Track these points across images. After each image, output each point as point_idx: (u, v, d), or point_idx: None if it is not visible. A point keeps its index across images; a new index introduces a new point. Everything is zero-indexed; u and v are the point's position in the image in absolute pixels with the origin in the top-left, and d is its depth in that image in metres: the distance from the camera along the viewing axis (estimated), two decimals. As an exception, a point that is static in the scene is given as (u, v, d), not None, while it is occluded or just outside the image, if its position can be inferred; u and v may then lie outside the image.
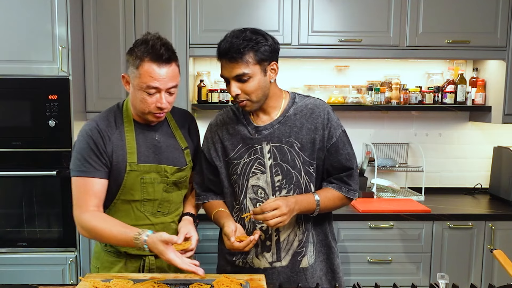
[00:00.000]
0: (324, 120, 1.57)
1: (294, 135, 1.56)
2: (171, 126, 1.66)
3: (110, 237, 1.47)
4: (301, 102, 1.61)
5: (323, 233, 1.67)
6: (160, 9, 2.65)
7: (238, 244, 1.46)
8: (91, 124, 1.56)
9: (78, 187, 1.52)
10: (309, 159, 1.57)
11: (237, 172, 1.60)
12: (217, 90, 2.88)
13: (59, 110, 2.46)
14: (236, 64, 1.46)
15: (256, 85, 1.49)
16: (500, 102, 2.79)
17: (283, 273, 1.61)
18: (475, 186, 3.16)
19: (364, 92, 2.99)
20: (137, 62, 1.45)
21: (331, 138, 1.57)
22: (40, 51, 2.44)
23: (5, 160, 2.47)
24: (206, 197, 1.72)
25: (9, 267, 2.51)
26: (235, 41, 1.45)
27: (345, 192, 1.61)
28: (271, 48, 1.50)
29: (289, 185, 1.57)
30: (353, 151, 1.63)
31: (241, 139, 1.60)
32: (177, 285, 1.39)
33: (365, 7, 2.69)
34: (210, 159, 1.66)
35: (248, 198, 1.60)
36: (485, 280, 2.59)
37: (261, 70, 1.49)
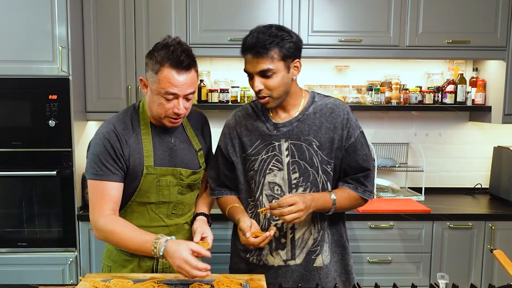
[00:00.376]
0: (343, 120, 1.58)
1: (313, 133, 1.57)
2: (186, 128, 1.67)
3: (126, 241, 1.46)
4: (320, 101, 1.62)
5: (338, 234, 1.68)
6: (160, 9, 2.66)
7: (254, 239, 1.46)
8: (108, 126, 1.54)
9: (95, 191, 1.52)
10: (327, 158, 1.57)
11: (254, 168, 1.61)
12: (217, 90, 2.88)
13: (59, 110, 2.46)
14: (261, 59, 1.47)
15: (279, 81, 1.50)
16: (500, 102, 2.79)
17: (296, 271, 1.61)
18: (475, 186, 3.16)
19: (364, 92, 2.99)
20: (156, 67, 1.44)
21: (350, 138, 1.58)
22: (40, 51, 2.44)
23: (5, 160, 2.47)
24: (220, 192, 1.73)
25: (9, 267, 2.51)
26: (261, 36, 1.46)
27: (361, 192, 1.61)
28: (296, 45, 1.51)
29: (306, 183, 1.58)
30: (370, 153, 1.64)
31: (259, 136, 1.61)
32: (177, 285, 1.39)
33: (365, 7, 2.69)
34: (226, 155, 1.67)
35: (264, 194, 1.61)
36: (485, 280, 2.59)
37: (285, 67, 1.50)
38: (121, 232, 1.46)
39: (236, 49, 2.64)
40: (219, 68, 3.04)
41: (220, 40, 2.68)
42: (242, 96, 2.92)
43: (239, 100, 2.92)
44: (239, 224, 1.52)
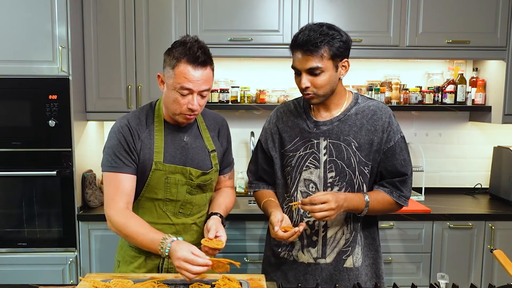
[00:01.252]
0: (384, 123, 1.58)
1: (353, 134, 1.57)
2: (200, 128, 1.67)
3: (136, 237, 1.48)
4: (363, 103, 1.62)
5: (371, 237, 1.67)
6: (160, 9, 2.66)
7: (282, 233, 1.48)
8: (122, 121, 1.59)
9: (109, 183, 1.56)
10: (365, 159, 1.57)
11: (291, 164, 1.62)
12: (217, 90, 2.88)
13: (59, 110, 2.46)
14: (311, 57, 1.47)
15: (326, 80, 1.50)
16: (500, 102, 2.79)
17: (326, 270, 1.62)
18: (475, 186, 3.16)
19: (364, 92, 2.99)
20: (173, 62, 1.48)
21: (389, 141, 1.57)
22: (40, 51, 2.44)
23: (5, 160, 2.47)
24: (258, 186, 1.76)
25: (9, 267, 2.51)
26: (313, 34, 1.46)
27: (396, 197, 1.60)
28: (346, 45, 1.51)
29: (342, 182, 1.58)
30: (410, 158, 1.62)
31: (299, 132, 1.62)
32: (177, 285, 1.39)
33: (365, 7, 2.69)
34: (266, 149, 1.70)
35: (299, 191, 1.62)
36: (485, 280, 2.59)
37: (333, 66, 1.50)
38: (133, 228, 1.48)
39: (236, 49, 2.70)
40: (219, 68, 3.03)
41: (220, 40, 2.68)
42: (242, 96, 2.92)
43: (239, 100, 2.92)
44: (270, 217, 1.54)
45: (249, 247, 2.55)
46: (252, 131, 2.95)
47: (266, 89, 2.94)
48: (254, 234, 2.55)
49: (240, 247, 2.55)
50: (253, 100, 2.95)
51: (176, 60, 1.47)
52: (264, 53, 2.72)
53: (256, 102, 2.93)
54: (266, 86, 2.96)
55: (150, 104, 1.66)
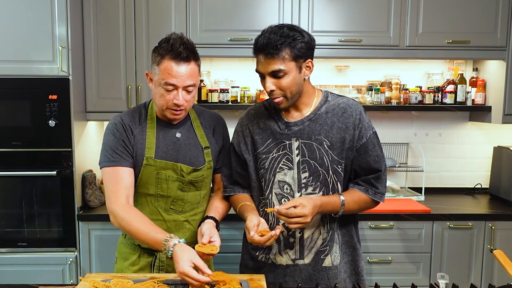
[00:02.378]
0: (355, 120, 1.57)
1: (324, 133, 1.56)
2: (194, 125, 1.69)
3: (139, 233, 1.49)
4: (333, 101, 1.61)
5: (348, 235, 1.66)
6: (160, 9, 2.66)
7: (259, 238, 1.46)
8: (116, 119, 1.64)
9: (109, 177, 1.58)
10: (337, 158, 1.56)
11: (264, 167, 1.61)
12: (217, 90, 2.88)
13: (59, 110, 2.46)
14: (273, 60, 1.47)
15: (291, 81, 1.50)
16: (500, 102, 2.79)
17: (305, 271, 1.61)
18: (475, 186, 3.16)
19: (364, 92, 2.99)
20: (158, 59, 1.53)
21: (361, 138, 1.57)
22: (40, 51, 2.44)
23: (5, 160, 2.47)
24: (233, 190, 1.73)
25: (9, 267, 2.51)
26: (273, 37, 1.46)
27: (371, 194, 1.60)
28: (308, 45, 1.50)
29: (316, 182, 1.57)
30: (383, 154, 1.62)
31: (271, 134, 1.61)
32: (177, 285, 1.39)
33: (365, 7, 2.69)
34: (239, 152, 1.68)
35: (274, 193, 1.61)
36: (485, 280, 2.59)
37: (296, 67, 1.49)
38: (136, 224, 1.50)
39: (236, 49, 2.70)
40: (219, 68, 3.04)
41: (220, 40, 2.68)
42: (242, 96, 2.92)
43: (239, 100, 2.92)
44: (246, 222, 1.53)
45: (249, 247, 2.55)
46: (252, 131, 2.95)
47: (266, 89, 2.93)
48: (254, 234, 2.54)
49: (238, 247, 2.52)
50: (253, 100, 2.95)
51: (160, 57, 1.52)
52: (264, 53, 2.71)
53: (256, 102, 2.93)
54: (266, 86, 2.96)
55: (144, 103, 1.70)
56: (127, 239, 1.70)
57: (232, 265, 1.84)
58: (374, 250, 2.57)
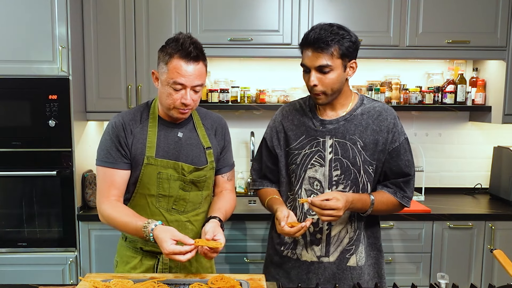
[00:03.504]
0: (389, 124, 1.60)
1: (359, 133, 1.59)
2: (196, 125, 1.69)
3: (122, 226, 1.52)
4: (369, 104, 1.64)
5: (374, 236, 1.68)
6: (160, 9, 2.66)
7: (289, 229, 1.48)
8: (116, 118, 1.63)
9: (101, 177, 1.60)
10: (370, 159, 1.59)
11: (296, 162, 1.64)
12: (217, 90, 2.88)
13: (59, 110, 2.46)
14: (321, 54, 1.49)
15: (335, 78, 1.52)
16: (500, 102, 2.79)
17: (329, 268, 1.62)
18: (475, 186, 3.16)
19: (364, 92, 2.99)
20: (166, 58, 1.51)
21: (394, 142, 1.59)
22: (40, 51, 2.44)
23: (5, 160, 2.47)
24: (261, 184, 1.77)
25: (9, 267, 2.51)
26: (324, 33, 1.49)
27: (399, 198, 1.62)
28: (355, 46, 1.54)
29: (347, 181, 1.59)
30: (413, 160, 1.65)
31: (305, 131, 1.64)
32: (177, 285, 1.39)
33: (365, 7, 2.69)
34: (271, 147, 1.71)
35: (304, 189, 1.63)
36: (485, 280, 2.59)
37: (342, 65, 1.53)
38: (118, 217, 1.52)
39: (236, 49, 2.70)
40: (219, 68, 3.04)
41: (220, 40, 2.68)
42: (242, 96, 2.92)
43: (239, 100, 2.92)
44: (276, 213, 1.55)
45: (249, 247, 2.55)
46: (252, 131, 2.95)
47: (266, 89, 2.94)
48: (254, 234, 2.55)
49: (241, 247, 2.55)
50: (253, 100, 2.95)
51: (169, 56, 1.50)
52: (264, 53, 2.72)
53: (256, 102, 2.93)
54: (266, 86, 2.96)
55: (147, 103, 1.70)
56: (128, 242, 1.68)
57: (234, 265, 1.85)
58: (374, 250, 2.57)
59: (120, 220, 1.52)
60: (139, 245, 1.64)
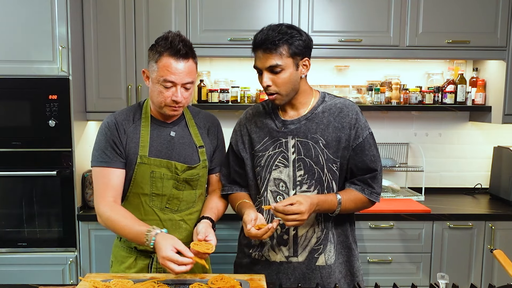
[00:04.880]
0: (352, 120, 1.59)
1: (320, 132, 1.58)
2: (188, 124, 1.69)
3: (121, 229, 1.52)
4: (330, 101, 1.64)
5: (343, 235, 1.67)
6: (160, 9, 2.65)
7: (256, 231, 1.48)
8: (109, 118, 1.64)
9: (97, 177, 1.60)
10: (333, 156, 1.58)
11: (260, 164, 1.63)
12: (217, 90, 2.88)
13: (59, 110, 2.46)
14: (270, 55, 1.50)
15: (287, 78, 1.52)
16: (500, 102, 2.79)
17: (298, 268, 1.62)
18: (475, 186, 3.16)
19: (364, 92, 2.99)
20: (156, 56, 1.53)
21: (358, 138, 1.59)
22: (40, 51, 2.44)
23: (5, 160, 2.47)
24: (231, 189, 1.76)
25: (9, 267, 2.51)
26: (271, 33, 1.50)
27: (367, 194, 1.61)
28: (305, 44, 1.54)
29: (311, 180, 1.59)
30: (379, 154, 1.64)
31: (268, 132, 1.64)
32: (177, 285, 1.39)
33: (365, 7, 2.69)
34: (237, 151, 1.71)
35: (269, 190, 1.62)
36: (485, 280, 2.59)
37: (293, 64, 1.53)
38: (119, 220, 1.52)
39: (236, 49, 2.70)
40: (219, 68, 3.04)
41: (220, 40, 2.68)
42: (242, 96, 2.92)
43: (239, 100, 2.92)
44: (243, 216, 1.54)
45: (249, 247, 2.55)
46: (252, 131, 2.95)
47: (266, 89, 2.93)
48: (254, 234, 2.54)
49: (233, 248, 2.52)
50: (253, 100, 2.95)
51: (159, 54, 1.52)
52: (264, 53, 2.71)
53: (256, 102, 2.93)
54: (266, 86, 2.96)
55: (139, 103, 1.71)
56: (123, 242, 1.69)
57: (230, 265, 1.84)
58: (374, 250, 2.57)
59: (120, 224, 1.51)
60: (134, 245, 1.65)
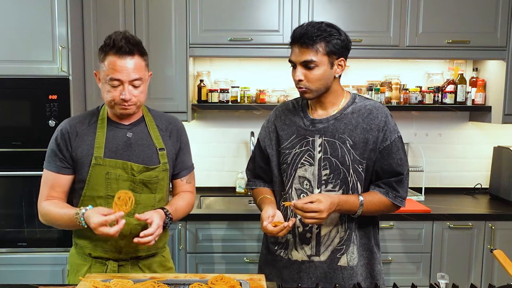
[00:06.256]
0: (380, 123, 1.59)
1: (348, 132, 1.58)
2: (148, 126, 1.67)
3: (58, 218, 1.56)
4: (360, 102, 1.63)
5: (366, 237, 1.67)
6: (160, 9, 2.66)
7: (271, 228, 1.49)
8: (64, 122, 1.67)
9: (44, 180, 1.65)
10: (359, 157, 1.58)
11: (287, 162, 1.64)
12: (217, 90, 2.88)
13: (59, 110, 2.46)
14: (307, 50, 1.51)
15: (320, 75, 1.53)
16: (500, 102, 2.79)
17: (320, 268, 1.62)
18: (475, 186, 3.16)
19: (364, 92, 2.99)
20: (102, 56, 1.55)
21: (385, 140, 1.58)
22: (40, 51, 2.44)
23: (5, 160, 2.47)
24: (254, 184, 1.79)
25: (9, 267, 2.51)
26: (310, 29, 1.50)
27: (392, 198, 1.60)
28: (343, 44, 1.54)
29: (336, 180, 1.59)
30: (406, 158, 1.63)
31: (295, 130, 1.64)
32: (177, 285, 1.39)
33: (365, 7, 2.69)
34: (263, 147, 1.73)
35: (294, 188, 1.63)
36: (485, 280, 2.59)
37: (328, 62, 1.53)
38: (54, 211, 1.57)
39: (236, 49, 2.70)
40: (219, 68, 3.04)
41: (220, 40, 2.68)
42: (242, 96, 2.92)
43: (239, 100, 2.92)
44: (262, 212, 1.56)
45: (249, 247, 2.55)
46: (252, 131, 2.95)
47: (266, 89, 2.94)
48: (253, 234, 2.55)
49: (240, 247, 2.55)
50: (253, 100, 2.95)
51: (104, 54, 1.53)
52: (264, 53, 2.72)
53: (256, 102, 2.93)
54: (266, 86, 2.96)
55: (97, 107, 1.71)
56: (78, 249, 1.66)
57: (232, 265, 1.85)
58: (374, 250, 2.57)
59: (56, 213, 1.55)
60: (88, 251, 1.63)
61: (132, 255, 1.63)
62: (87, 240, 1.62)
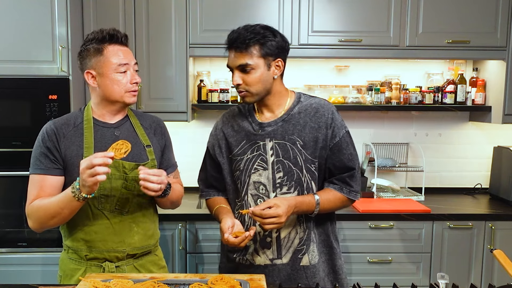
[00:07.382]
0: (328, 120, 1.59)
1: (297, 133, 1.58)
2: (134, 125, 1.68)
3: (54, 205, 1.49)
4: (306, 101, 1.63)
5: (324, 233, 1.68)
6: (160, 9, 2.66)
7: (233, 239, 1.48)
8: (48, 124, 1.64)
9: (32, 184, 1.59)
10: (311, 157, 1.58)
11: (239, 168, 1.63)
12: (217, 90, 2.88)
13: (59, 110, 2.46)
14: (241, 54, 1.51)
15: (257, 77, 1.53)
16: (500, 102, 2.79)
17: (283, 270, 1.62)
18: (475, 186, 3.16)
19: (364, 92, 2.99)
20: (100, 49, 1.56)
21: (335, 137, 1.59)
22: (40, 51, 2.44)
23: (5, 160, 2.47)
24: (208, 194, 1.76)
25: (9, 267, 2.51)
26: (244, 32, 1.51)
27: (346, 193, 1.62)
28: (278, 45, 1.54)
29: (290, 182, 1.59)
30: (356, 153, 1.64)
31: (245, 136, 1.63)
32: (177, 285, 1.39)
33: (365, 7, 2.69)
34: (213, 156, 1.70)
35: (250, 194, 1.62)
36: (485, 280, 2.59)
37: (265, 64, 1.53)
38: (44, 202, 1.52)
39: (236, 49, 2.69)
40: (219, 68, 3.04)
41: (220, 40, 2.63)
42: (242, 96, 2.91)
43: (239, 100, 2.91)
44: (220, 224, 1.55)
45: (249, 247, 2.54)
46: (252, 131, 2.95)
47: (266, 89, 2.94)
48: (254, 234, 2.54)
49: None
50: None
51: (102, 44, 1.56)
52: (264, 53, 2.71)
53: (256, 102, 2.93)
54: (266, 86, 2.96)
55: (80, 109, 1.70)
56: (71, 253, 1.64)
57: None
58: (374, 250, 2.57)
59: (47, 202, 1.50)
60: (84, 253, 1.61)
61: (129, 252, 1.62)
62: (81, 242, 1.61)
